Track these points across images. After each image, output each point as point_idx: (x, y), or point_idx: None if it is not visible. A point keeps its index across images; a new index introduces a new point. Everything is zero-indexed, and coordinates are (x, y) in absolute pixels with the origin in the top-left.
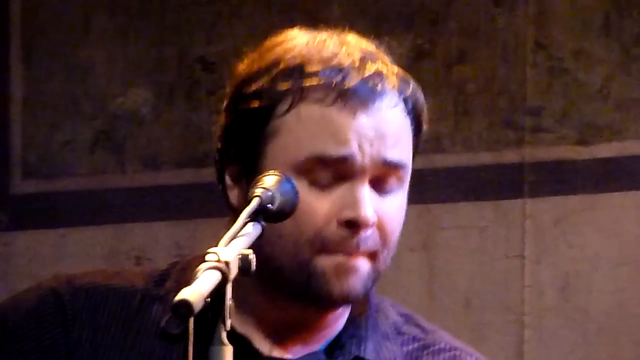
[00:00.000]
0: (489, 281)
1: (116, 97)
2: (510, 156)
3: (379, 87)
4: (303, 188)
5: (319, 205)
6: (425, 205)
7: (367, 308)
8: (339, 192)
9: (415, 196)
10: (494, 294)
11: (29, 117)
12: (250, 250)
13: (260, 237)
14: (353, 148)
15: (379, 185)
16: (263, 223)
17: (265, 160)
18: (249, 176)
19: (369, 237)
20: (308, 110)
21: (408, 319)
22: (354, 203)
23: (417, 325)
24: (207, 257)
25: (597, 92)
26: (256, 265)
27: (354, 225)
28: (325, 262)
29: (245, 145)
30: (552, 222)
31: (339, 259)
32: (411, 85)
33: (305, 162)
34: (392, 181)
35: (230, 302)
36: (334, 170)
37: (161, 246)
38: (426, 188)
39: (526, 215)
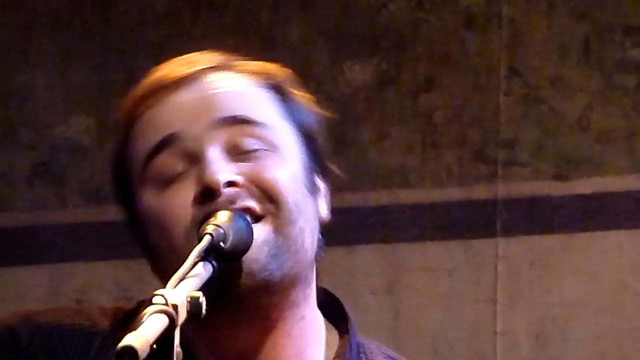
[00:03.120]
0: (458, 328)
1: (56, 126)
2: (482, 192)
3: (204, 68)
4: (153, 196)
5: (174, 201)
6: (389, 244)
7: (347, 349)
8: (192, 176)
9: (379, 235)
10: (464, 342)
11: None
12: (200, 293)
13: (211, 277)
14: (175, 126)
15: (234, 148)
16: (214, 263)
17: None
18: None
19: (238, 193)
20: (139, 127)
21: None
22: (203, 172)
23: None
24: (154, 300)
25: (575, 123)
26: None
27: (206, 195)
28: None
29: (123, 187)
30: (527, 264)
31: None
32: (267, 69)
33: (143, 168)
34: (247, 140)
35: (179, 350)
36: (178, 157)
37: (104, 287)
38: (391, 226)
39: (499, 257)
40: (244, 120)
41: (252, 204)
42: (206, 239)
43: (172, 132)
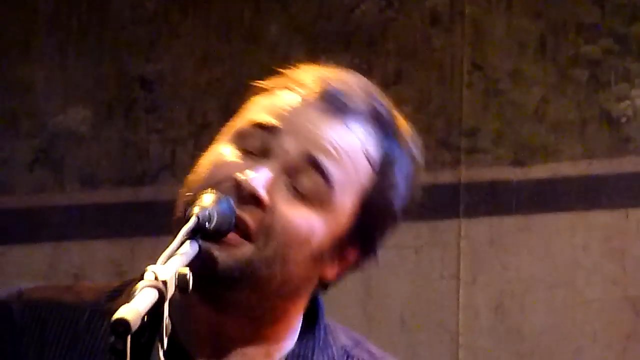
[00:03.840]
0: (424, 301)
1: (55, 116)
2: (446, 177)
3: (351, 108)
4: (231, 148)
5: (230, 162)
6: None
7: (316, 329)
8: (252, 162)
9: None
10: (429, 314)
11: None
12: (187, 269)
13: (197, 256)
14: (282, 122)
15: (293, 180)
16: (200, 242)
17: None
18: None
19: (251, 210)
20: (276, 95)
21: (357, 343)
22: (248, 170)
23: (367, 351)
24: (144, 276)
25: (532, 114)
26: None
27: (238, 187)
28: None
29: None
30: (487, 243)
31: None
32: (396, 142)
33: (244, 126)
34: (308, 185)
35: (168, 321)
36: (262, 141)
37: (99, 264)
38: None
39: (461, 236)
40: (322, 170)
41: (253, 223)
42: (192, 220)
43: (278, 125)
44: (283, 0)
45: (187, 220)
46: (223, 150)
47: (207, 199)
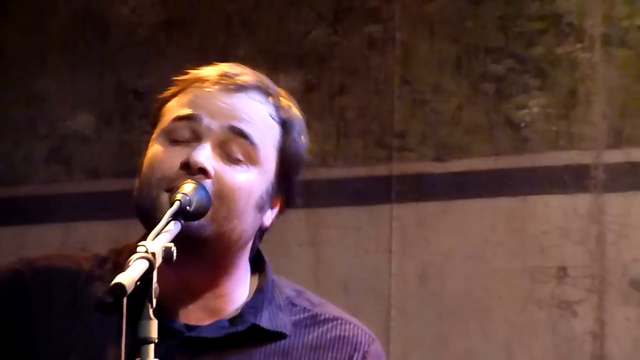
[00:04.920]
0: (363, 271)
1: (65, 121)
2: (381, 170)
3: (233, 80)
4: (164, 145)
5: (169, 155)
6: (312, 209)
7: (265, 284)
8: (189, 148)
9: (305, 202)
10: (367, 281)
11: None
12: (172, 244)
13: (180, 234)
14: (201, 110)
15: (225, 150)
16: (182, 222)
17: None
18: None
19: (203, 179)
20: (176, 99)
21: (300, 293)
22: (192, 151)
23: (307, 299)
24: (138, 249)
25: (450, 119)
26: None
27: (187, 167)
28: (165, 199)
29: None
30: (414, 224)
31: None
32: (287, 107)
33: (168, 124)
34: (237, 151)
35: (156, 285)
36: (190, 130)
37: (101, 241)
38: (314, 196)
39: (393, 218)
40: (245, 135)
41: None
42: (176, 204)
43: (198, 113)
44: (249, 28)
45: (172, 205)
46: (159, 148)
47: (188, 187)
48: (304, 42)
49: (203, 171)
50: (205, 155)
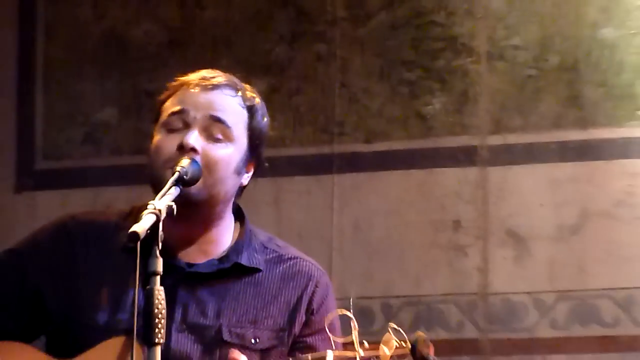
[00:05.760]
0: (313, 223)
1: (96, 113)
2: (325, 150)
3: (212, 82)
4: (163, 134)
5: (168, 141)
6: (274, 178)
7: (244, 232)
8: (181, 134)
9: (271, 172)
10: (316, 231)
11: (46, 126)
12: (173, 203)
13: (180, 197)
14: (188, 105)
15: (208, 133)
16: (181, 187)
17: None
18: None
19: (194, 155)
20: (172, 98)
21: (270, 239)
22: (184, 136)
23: (275, 244)
24: (148, 206)
25: (376, 112)
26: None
27: (181, 148)
28: (169, 174)
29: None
30: (349, 189)
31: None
32: (251, 98)
33: (165, 119)
34: (217, 132)
35: (161, 233)
36: (179, 121)
37: (121, 202)
38: (276, 168)
39: (334, 185)
40: (222, 121)
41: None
42: (177, 174)
43: (186, 108)
44: (229, 46)
45: (173, 174)
46: (160, 137)
47: (185, 162)
48: (270, 56)
49: (194, 150)
50: (193, 137)
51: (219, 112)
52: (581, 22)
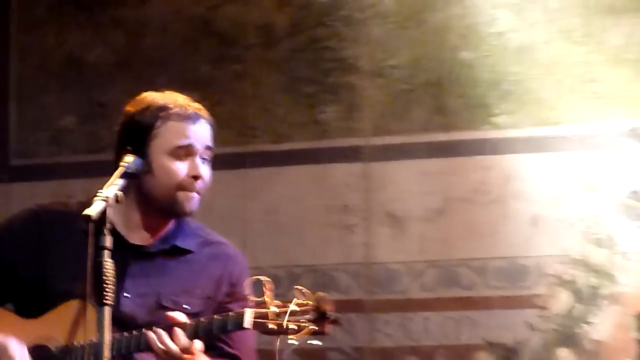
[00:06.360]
0: (232, 208)
1: (59, 120)
2: (241, 149)
3: (202, 115)
4: (171, 161)
5: (179, 168)
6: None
7: (183, 220)
8: (189, 163)
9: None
10: (235, 214)
11: (19, 130)
12: (121, 192)
13: (126, 185)
14: (193, 140)
15: (203, 158)
16: (125, 180)
17: (150, 149)
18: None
19: (201, 184)
20: (172, 125)
21: (201, 227)
22: (196, 167)
23: (205, 231)
24: (97, 194)
25: (282, 118)
26: (138, 197)
27: (197, 178)
28: (182, 195)
29: (137, 143)
30: (259, 180)
31: (189, 194)
32: (211, 119)
33: (174, 148)
34: (207, 155)
35: (110, 217)
36: (186, 151)
37: (81, 192)
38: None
39: (248, 177)
40: (210, 148)
41: (203, 190)
42: (122, 168)
43: (192, 143)
44: (164, 66)
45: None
46: (172, 164)
47: (129, 159)
48: (197, 74)
49: (200, 177)
50: (204, 169)
51: (210, 142)
52: (444, 46)
